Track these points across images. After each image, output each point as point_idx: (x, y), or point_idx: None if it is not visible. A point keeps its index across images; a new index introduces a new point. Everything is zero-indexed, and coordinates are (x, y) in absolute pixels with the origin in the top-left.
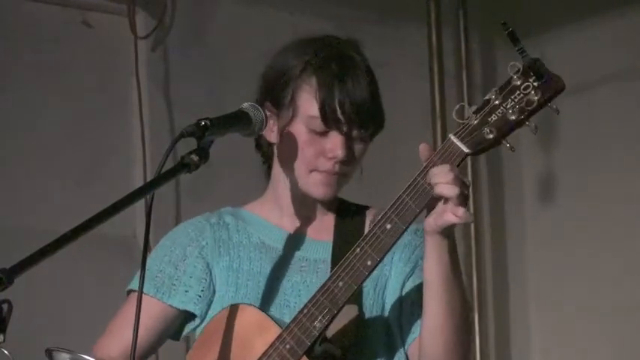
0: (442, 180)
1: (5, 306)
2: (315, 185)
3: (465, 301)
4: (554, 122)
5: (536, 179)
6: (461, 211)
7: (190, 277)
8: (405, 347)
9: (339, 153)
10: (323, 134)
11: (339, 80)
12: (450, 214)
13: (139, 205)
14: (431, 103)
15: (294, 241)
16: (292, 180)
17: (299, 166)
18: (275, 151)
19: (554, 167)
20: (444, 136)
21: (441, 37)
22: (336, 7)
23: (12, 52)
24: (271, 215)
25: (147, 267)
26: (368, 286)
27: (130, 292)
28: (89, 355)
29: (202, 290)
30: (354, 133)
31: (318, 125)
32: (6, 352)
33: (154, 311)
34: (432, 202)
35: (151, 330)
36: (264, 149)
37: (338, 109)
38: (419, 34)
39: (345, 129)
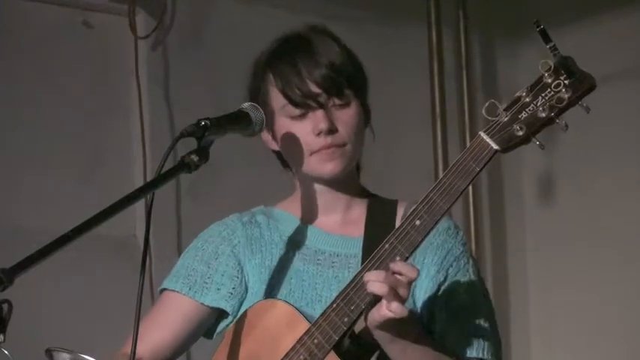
0: (372, 278)
1: (5, 306)
2: (319, 165)
3: None
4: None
5: (536, 179)
6: (394, 305)
7: (222, 275)
8: None
9: (322, 126)
10: (303, 116)
11: (291, 61)
12: (384, 309)
13: (139, 205)
14: (431, 103)
15: (326, 238)
16: (308, 177)
17: (300, 156)
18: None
19: (554, 167)
20: (444, 136)
21: (441, 37)
22: (336, 7)
23: (12, 52)
24: (301, 213)
25: (179, 266)
26: None
27: (162, 291)
28: (91, 356)
29: (234, 288)
30: (330, 102)
31: (293, 110)
32: (6, 352)
33: (186, 309)
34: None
35: (183, 328)
36: (280, 158)
37: (298, 85)
38: (419, 34)
39: (315, 103)
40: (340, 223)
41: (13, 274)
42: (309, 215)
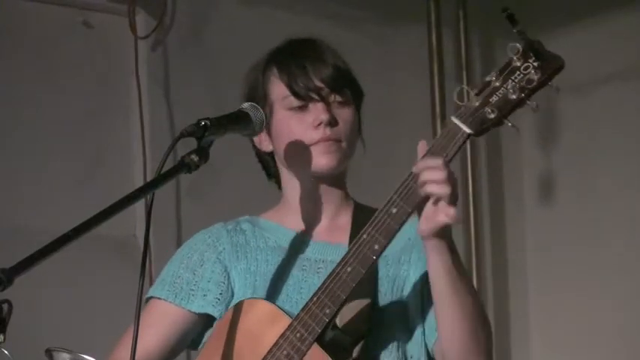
0: (432, 178)
1: (5, 306)
2: (316, 158)
3: (477, 300)
4: (554, 122)
5: (536, 179)
6: (452, 210)
7: (208, 282)
8: (430, 346)
9: (322, 117)
10: (303, 109)
11: (297, 57)
12: (442, 214)
13: (139, 205)
14: (431, 103)
15: (311, 244)
16: (300, 178)
17: (296, 150)
18: (276, 157)
19: (554, 167)
20: None
21: (441, 37)
22: (336, 7)
23: (12, 52)
24: (287, 221)
25: (164, 275)
26: (385, 286)
27: (149, 299)
28: (91, 356)
29: (220, 293)
30: (331, 98)
31: (293, 101)
32: (6, 352)
33: (173, 317)
34: (422, 202)
35: (170, 335)
36: (267, 163)
37: (302, 78)
38: (419, 34)
39: (317, 96)
40: (326, 229)
41: (13, 274)
42: (295, 222)
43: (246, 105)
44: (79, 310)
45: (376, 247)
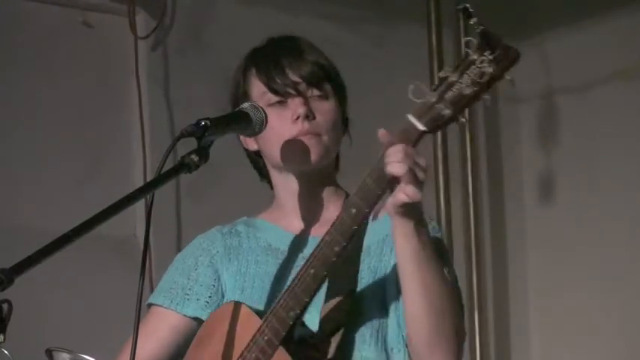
0: (392, 159)
1: (5, 306)
2: (297, 153)
3: (444, 282)
4: (554, 122)
5: (536, 179)
6: (409, 188)
7: (201, 286)
8: (404, 334)
9: (300, 111)
10: (282, 104)
11: (275, 56)
12: (400, 192)
13: (139, 205)
14: None
15: (301, 242)
16: (286, 174)
17: (277, 146)
18: (262, 155)
19: (554, 167)
20: (443, 136)
21: (441, 37)
22: (336, 7)
23: (12, 52)
24: (280, 220)
25: (163, 282)
26: (366, 278)
27: (149, 307)
28: (90, 356)
29: (210, 297)
30: (309, 93)
31: (272, 97)
32: (6, 352)
33: (170, 323)
34: (393, 184)
35: (169, 342)
36: (257, 163)
37: (280, 75)
38: (419, 34)
39: (294, 91)
40: (317, 224)
41: (13, 274)
42: (288, 220)
43: (246, 105)
44: (79, 310)
45: (336, 248)
